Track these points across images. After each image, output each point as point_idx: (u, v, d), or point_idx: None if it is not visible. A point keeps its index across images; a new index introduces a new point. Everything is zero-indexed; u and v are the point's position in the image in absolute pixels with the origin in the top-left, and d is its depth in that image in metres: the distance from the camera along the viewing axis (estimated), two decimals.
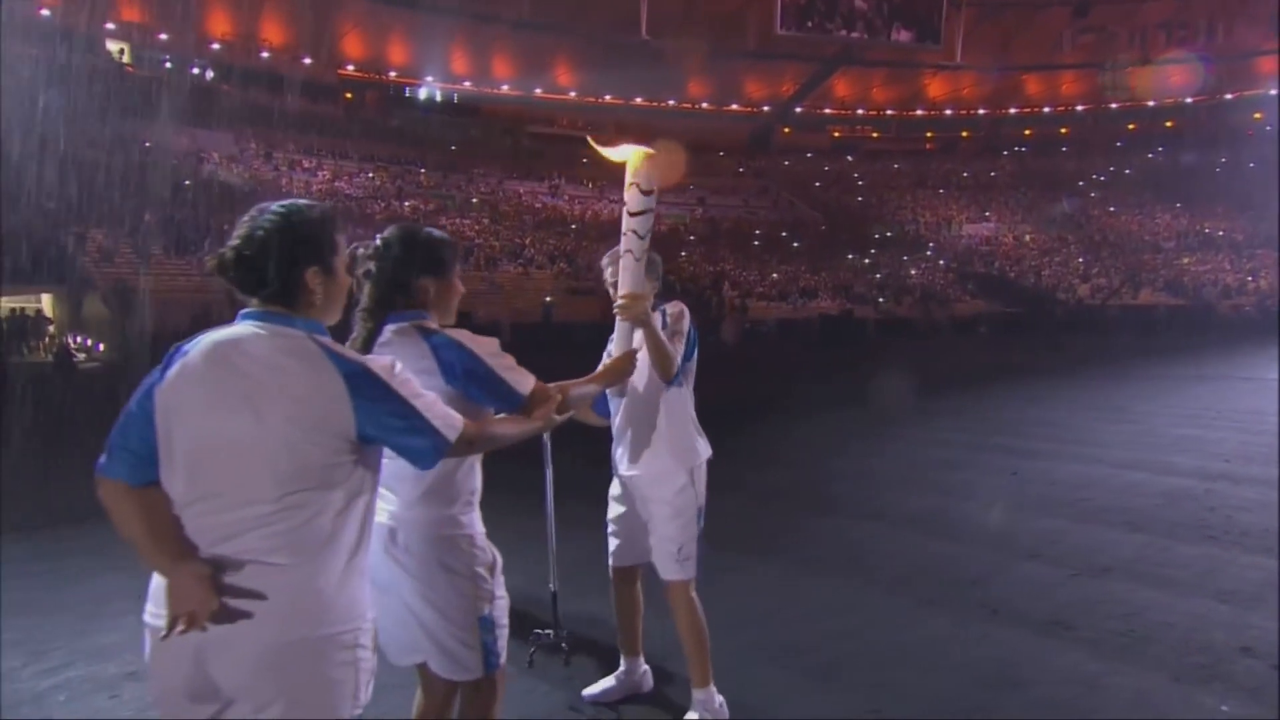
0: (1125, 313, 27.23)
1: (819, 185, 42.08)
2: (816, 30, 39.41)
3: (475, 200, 32.93)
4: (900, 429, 7.83)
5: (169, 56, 31.80)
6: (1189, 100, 41.96)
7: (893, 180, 42.64)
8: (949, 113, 45.91)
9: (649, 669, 2.67)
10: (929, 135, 46.04)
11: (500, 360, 1.72)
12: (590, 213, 34.91)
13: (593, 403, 2.29)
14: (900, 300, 29.98)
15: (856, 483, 5.75)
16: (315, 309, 1.41)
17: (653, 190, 1.97)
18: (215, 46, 33.30)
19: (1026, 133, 45.28)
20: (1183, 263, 33.43)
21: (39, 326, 18.16)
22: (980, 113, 45.73)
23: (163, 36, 31.88)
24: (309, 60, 35.45)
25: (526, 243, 29.31)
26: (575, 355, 1.82)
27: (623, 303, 2.08)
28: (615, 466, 2.48)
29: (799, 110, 45.07)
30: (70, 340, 17.09)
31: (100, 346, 16.81)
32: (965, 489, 5.38)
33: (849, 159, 44.34)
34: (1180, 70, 39.15)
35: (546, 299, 24.35)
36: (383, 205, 29.27)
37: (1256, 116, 37.78)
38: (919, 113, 46.05)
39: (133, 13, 31.90)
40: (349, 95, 37.20)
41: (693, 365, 2.41)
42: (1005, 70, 43.25)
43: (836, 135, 45.81)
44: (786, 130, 45.18)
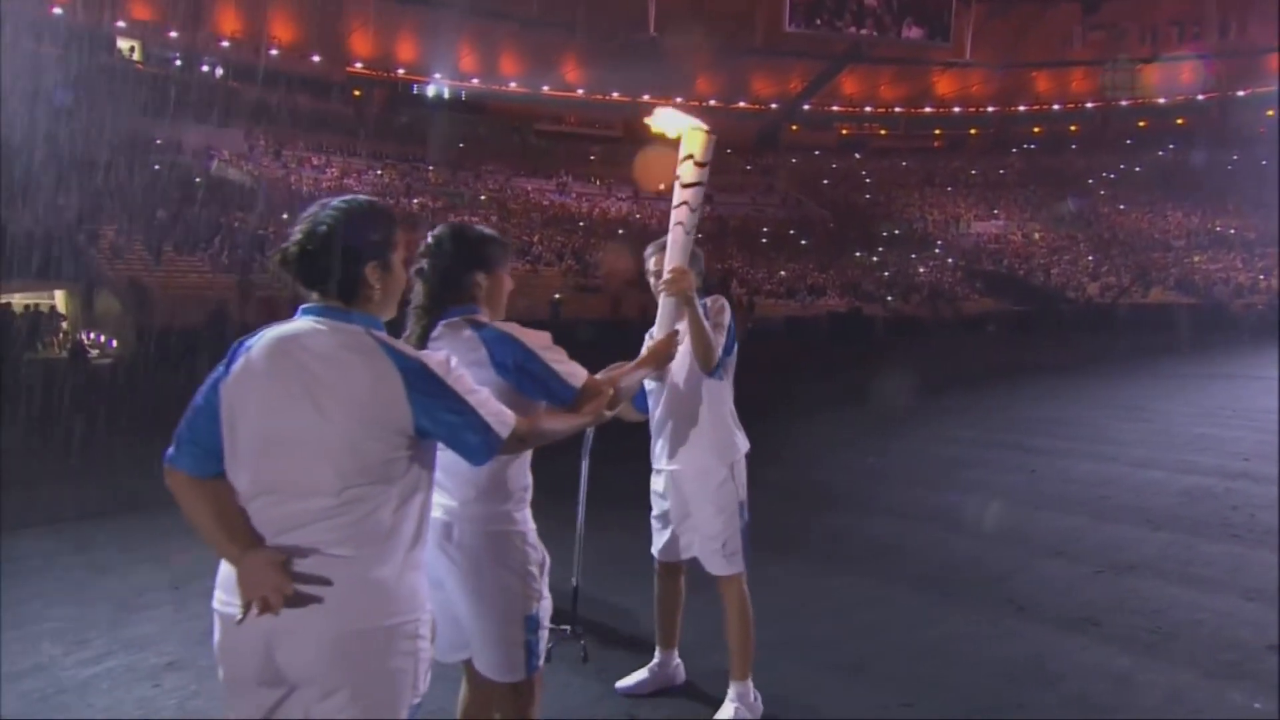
0: (1135, 311, 27.09)
1: (827, 183, 41.95)
2: (825, 27, 39.25)
3: (483, 197, 32.98)
4: (911, 427, 7.82)
5: (179, 54, 31.92)
6: (1200, 97, 41.64)
7: (901, 178, 42.46)
8: (957, 110, 45.67)
9: (681, 662, 2.69)
10: (937, 133, 45.80)
11: (552, 353, 1.73)
12: (598, 210, 34.92)
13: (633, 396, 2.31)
14: (908, 298, 29.89)
15: (871, 480, 5.76)
16: (373, 304, 1.43)
17: (707, 164, 1.98)
18: (225, 44, 33.41)
19: (1036, 130, 44.98)
20: (1193, 261, 33.21)
21: (52, 322, 18.29)
22: (989, 110, 45.49)
23: (173, 34, 32.01)
24: (318, 58, 35.54)
25: (535, 240, 29.35)
26: (583, 352, 1.83)
27: (669, 277, 2.07)
28: (655, 460, 2.50)
29: (807, 108, 44.91)
30: (84, 336, 17.21)
31: (113, 342, 16.91)
32: (982, 486, 5.38)
33: (857, 156, 44.18)
34: (1181, 69, 38.89)
35: (555, 296, 24.39)
36: (391, 202, 29.30)
37: (1269, 114, 37.41)
38: (927, 110, 45.82)
39: (143, 11, 32.03)
40: (358, 93, 37.26)
41: (733, 359, 2.43)
42: (1015, 67, 43.01)
43: (844, 133, 45.65)
44: (794, 128, 45.04)
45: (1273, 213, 29.56)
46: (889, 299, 29.56)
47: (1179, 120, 42.39)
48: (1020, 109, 45.51)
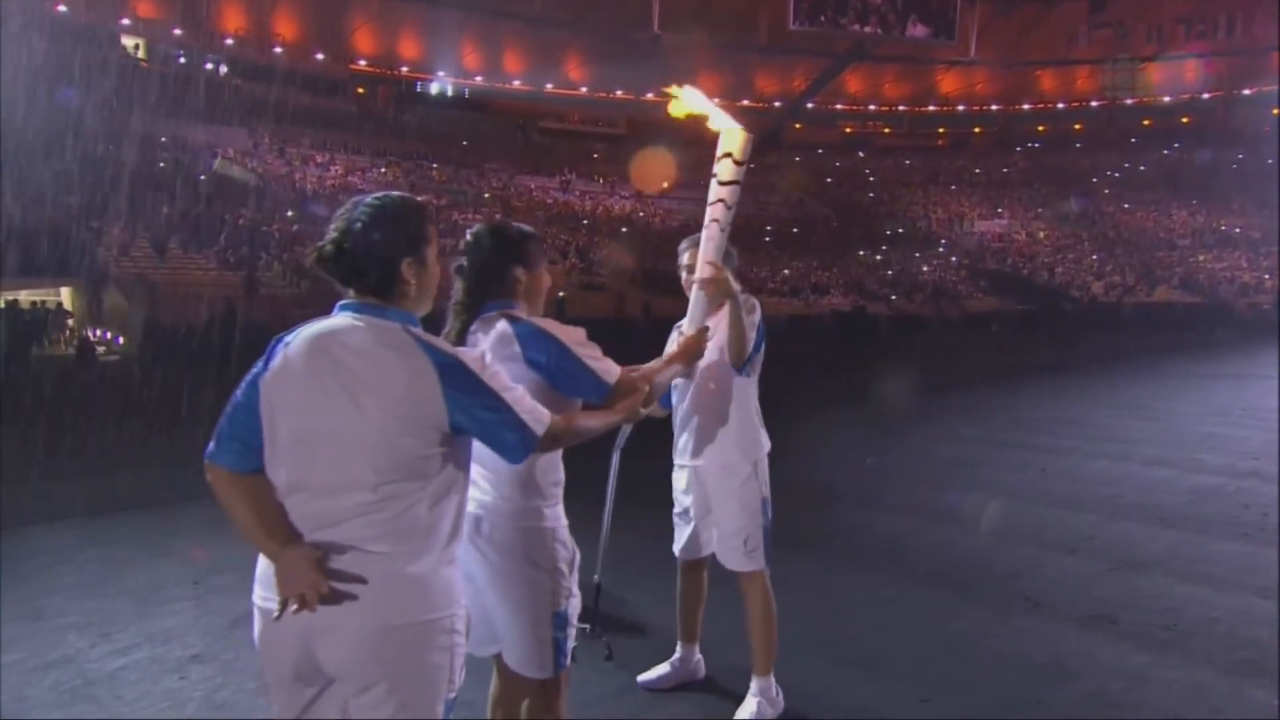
0: (1140, 310, 27.06)
1: (830, 181, 41.91)
2: (829, 25, 39.19)
3: (487, 195, 32.98)
4: (916, 425, 7.82)
5: (183, 52, 31.96)
6: (1205, 95, 41.53)
7: (905, 176, 42.42)
8: (962, 108, 45.61)
9: (702, 657, 2.72)
10: (941, 131, 45.74)
11: (587, 349, 1.74)
12: (601, 208, 34.92)
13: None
14: (912, 297, 29.87)
15: (881, 478, 5.77)
16: (409, 300, 1.43)
17: (744, 163, 2.01)
18: (229, 42, 33.44)
19: (1040, 129, 44.91)
20: (1198, 260, 33.15)
21: (59, 319, 18.33)
22: (993, 108, 45.40)
23: (177, 32, 32.04)
24: (321, 56, 35.56)
25: None
26: None
27: (708, 274, 2.09)
28: (678, 456, 2.50)
29: (811, 106, 44.86)
30: (90, 333, 17.26)
31: (120, 339, 16.96)
32: (990, 485, 5.40)
33: (861, 155, 44.13)
34: (1183, 68, 38.74)
35: (559, 294, 24.40)
36: None
37: (1275, 112, 37.30)
38: (931, 108, 45.75)
39: (148, 9, 32.08)
40: (361, 90, 37.29)
41: (760, 357, 2.45)
42: (1019, 66, 42.91)
43: (848, 131, 45.59)
44: (798, 126, 44.97)
45: (1277, 211, 29.49)
46: (893, 298, 29.54)
47: (1184, 119, 42.28)
48: (1025, 107, 45.43)
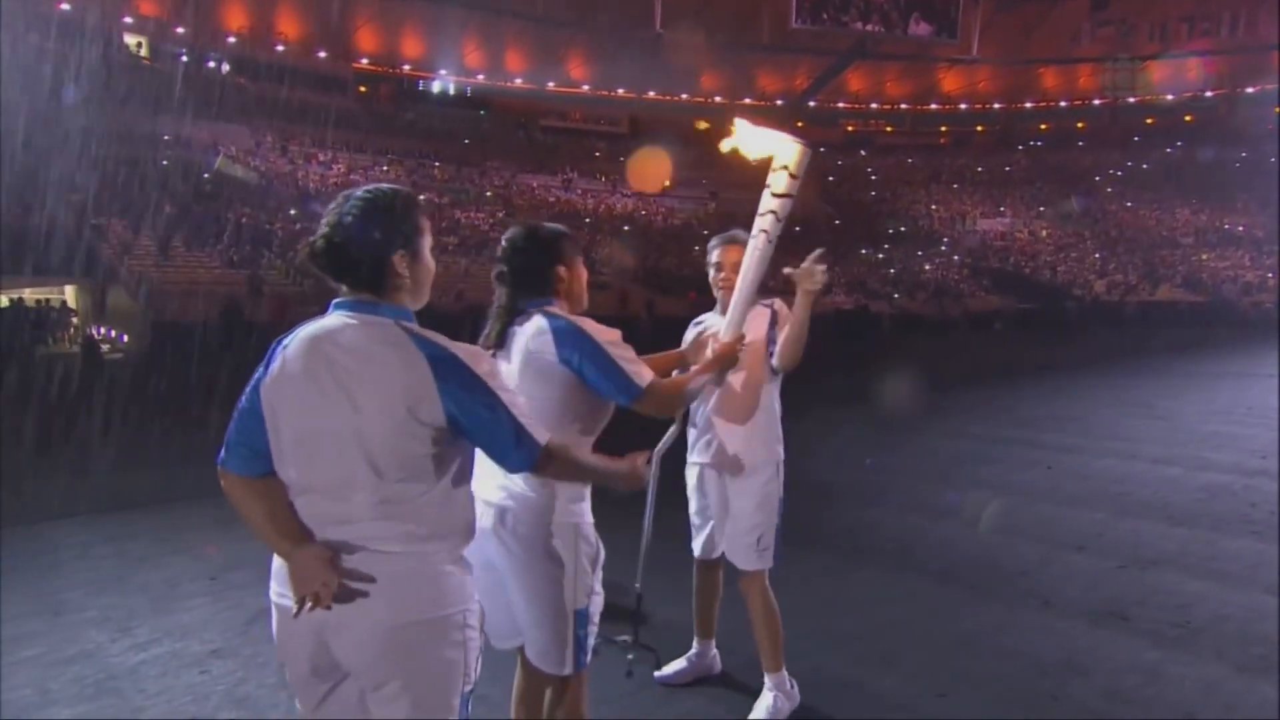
0: (1143, 309, 27.04)
1: (832, 180, 41.87)
2: (831, 23, 39.15)
3: (488, 194, 32.99)
4: (921, 424, 7.83)
5: (185, 50, 31.97)
6: (1209, 94, 41.44)
7: (907, 175, 42.39)
8: (964, 107, 45.55)
9: (718, 653, 2.74)
10: (943, 129, 45.70)
11: (620, 350, 1.75)
12: (603, 206, 34.91)
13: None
14: (914, 295, 29.86)
15: (888, 476, 5.78)
16: (403, 294, 1.41)
17: (799, 177, 2.05)
18: (231, 40, 33.45)
19: (1043, 127, 44.87)
20: (1201, 258, 33.12)
21: (64, 318, 18.38)
22: (996, 107, 45.34)
23: (180, 30, 32.05)
24: (324, 54, 35.57)
25: None
26: None
27: (813, 277, 2.25)
28: (697, 455, 2.50)
29: (813, 104, 44.82)
30: (95, 331, 17.30)
31: (124, 338, 16.99)
32: (998, 483, 5.41)
33: (863, 153, 44.09)
34: (1183, 67, 38.65)
35: None
36: None
37: (1278, 110, 37.24)
38: (934, 107, 45.71)
39: (150, 7, 32.09)
40: (363, 89, 37.30)
41: None
42: (1022, 63, 42.85)
43: (850, 129, 45.53)
44: (800, 124, 44.85)
45: None
46: (895, 296, 29.52)
47: (1187, 117, 42.21)
48: (1027, 106, 45.37)
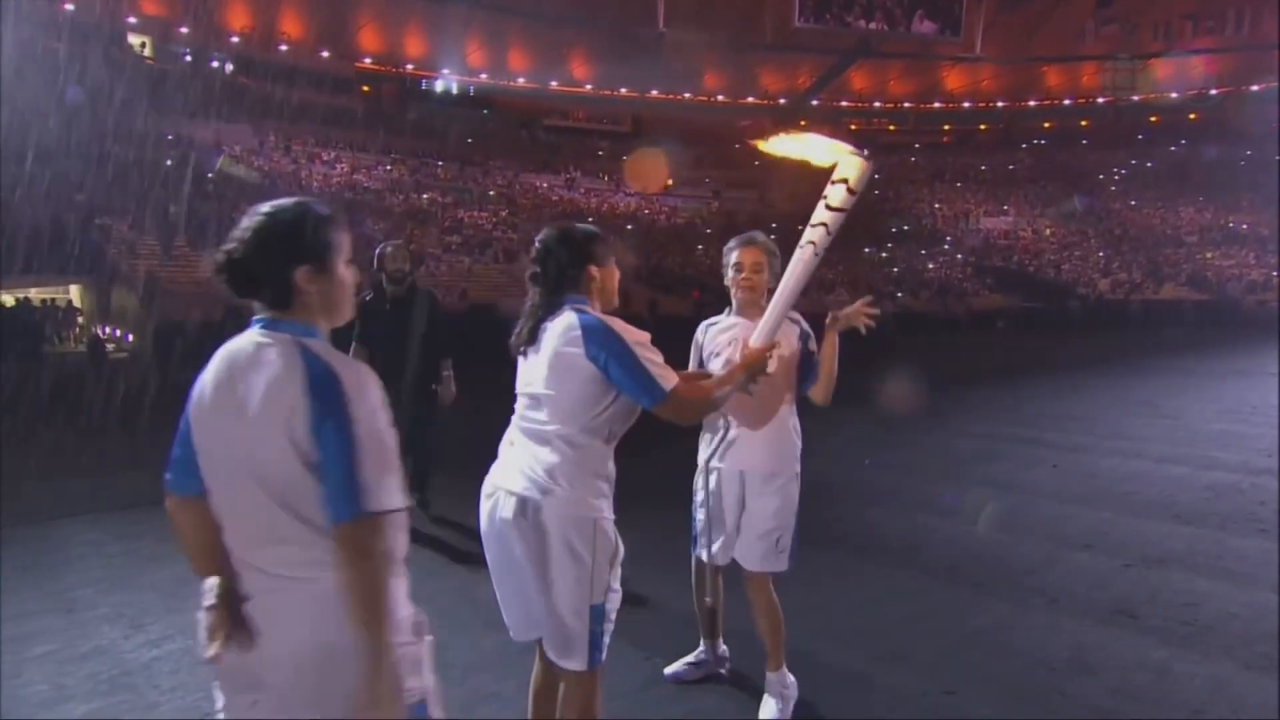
0: (1147, 307, 26.98)
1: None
2: (834, 22, 39.08)
3: (491, 193, 33.00)
4: (926, 423, 7.82)
5: (189, 50, 32.04)
6: (1213, 92, 41.30)
7: (910, 173, 42.27)
8: (967, 105, 45.45)
9: (727, 649, 2.75)
10: (947, 128, 45.59)
11: (648, 352, 1.76)
12: (606, 205, 34.91)
13: None
14: (918, 294, 29.81)
15: (893, 475, 5.77)
16: (312, 310, 1.33)
17: (857, 192, 2.04)
18: (234, 40, 33.52)
19: (1046, 125, 44.74)
20: (1206, 257, 33.00)
21: (69, 317, 18.44)
22: (999, 105, 45.24)
23: (183, 30, 32.12)
24: (327, 53, 35.62)
25: None
26: None
27: (856, 309, 2.33)
28: (715, 459, 2.45)
29: (816, 103, 44.77)
30: (100, 330, 17.36)
31: (129, 337, 17.05)
32: (1004, 481, 5.41)
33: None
34: (1184, 66, 38.52)
35: None
36: (401, 198, 29.42)
37: None
38: (937, 105, 45.61)
39: (154, 7, 32.17)
40: (366, 88, 37.35)
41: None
42: (1025, 62, 42.73)
43: (853, 128, 45.35)
44: (803, 123, 44.88)
45: None
46: (898, 295, 29.47)
47: (1191, 115, 42.07)
48: (1031, 104, 45.24)
